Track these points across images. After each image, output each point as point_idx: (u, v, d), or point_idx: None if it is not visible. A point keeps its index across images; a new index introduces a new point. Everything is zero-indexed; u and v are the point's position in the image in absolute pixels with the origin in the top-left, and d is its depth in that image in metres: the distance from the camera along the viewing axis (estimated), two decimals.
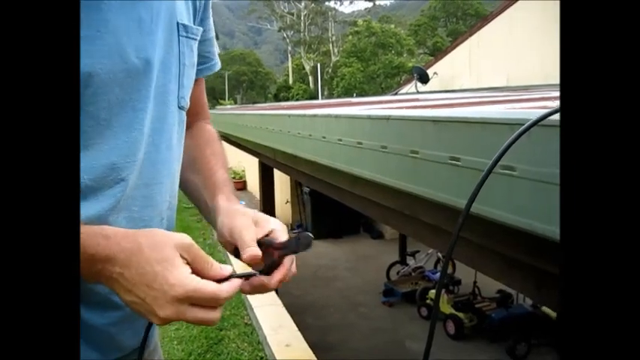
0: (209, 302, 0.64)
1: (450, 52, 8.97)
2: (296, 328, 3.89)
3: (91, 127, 0.68)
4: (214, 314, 0.65)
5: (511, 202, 0.70)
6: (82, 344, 0.75)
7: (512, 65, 7.22)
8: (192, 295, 0.62)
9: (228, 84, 48.14)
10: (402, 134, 1.00)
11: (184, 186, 0.94)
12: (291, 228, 9.92)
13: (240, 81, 52.08)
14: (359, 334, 5.32)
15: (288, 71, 46.44)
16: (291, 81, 42.15)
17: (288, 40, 45.26)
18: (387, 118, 1.06)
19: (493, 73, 7.62)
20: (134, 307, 0.63)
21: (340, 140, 1.32)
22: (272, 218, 0.80)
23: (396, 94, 8.85)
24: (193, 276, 0.63)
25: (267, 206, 6.03)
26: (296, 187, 9.81)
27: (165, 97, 0.80)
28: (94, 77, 0.67)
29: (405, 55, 35.76)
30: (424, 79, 8.83)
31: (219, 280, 0.66)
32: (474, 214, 0.76)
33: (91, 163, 0.69)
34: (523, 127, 0.64)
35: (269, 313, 4.28)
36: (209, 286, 0.63)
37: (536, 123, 0.64)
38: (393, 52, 35.44)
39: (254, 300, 4.56)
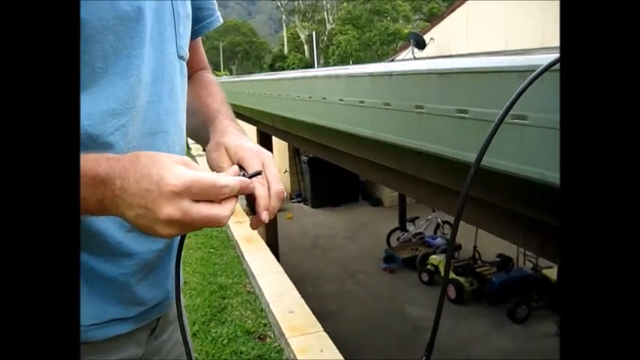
0: (210, 193, 0.61)
1: (446, 17, 8.82)
2: (299, 295, 3.92)
3: (86, 76, 0.68)
4: (220, 209, 0.62)
5: (522, 151, 0.69)
6: (101, 299, 0.76)
7: (510, 30, 7.12)
8: (190, 187, 0.59)
9: (223, 55, 47.62)
10: (406, 90, 0.98)
11: (187, 132, 0.93)
12: (290, 197, 9.94)
13: (235, 52, 51.47)
14: (359, 301, 5.37)
15: (283, 41, 45.85)
16: (286, 50, 41.67)
17: (282, 9, 44.54)
18: (390, 75, 1.04)
19: (490, 37, 7.52)
20: (140, 223, 0.61)
21: (341, 100, 1.30)
22: (248, 147, 0.75)
23: (392, 60, 8.76)
24: (190, 170, 0.62)
25: None
26: (294, 156, 9.79)
27: (162, 46, 0.79)
28: (86, 25, 0.66)
29: (400, 22, 35.29)
30: (421, 45, 8.74)
31: None
32: (483, 168, 0.75)
33: (89, 109, 0.69)
34: (535, 72, 0.62)
35: (271, 280, 4.30)
36: (207, 175, 0.62)
37: (548, 68, 0.62)
38: (388, 18, 34.99)
39: (256, 268, 4.59)
